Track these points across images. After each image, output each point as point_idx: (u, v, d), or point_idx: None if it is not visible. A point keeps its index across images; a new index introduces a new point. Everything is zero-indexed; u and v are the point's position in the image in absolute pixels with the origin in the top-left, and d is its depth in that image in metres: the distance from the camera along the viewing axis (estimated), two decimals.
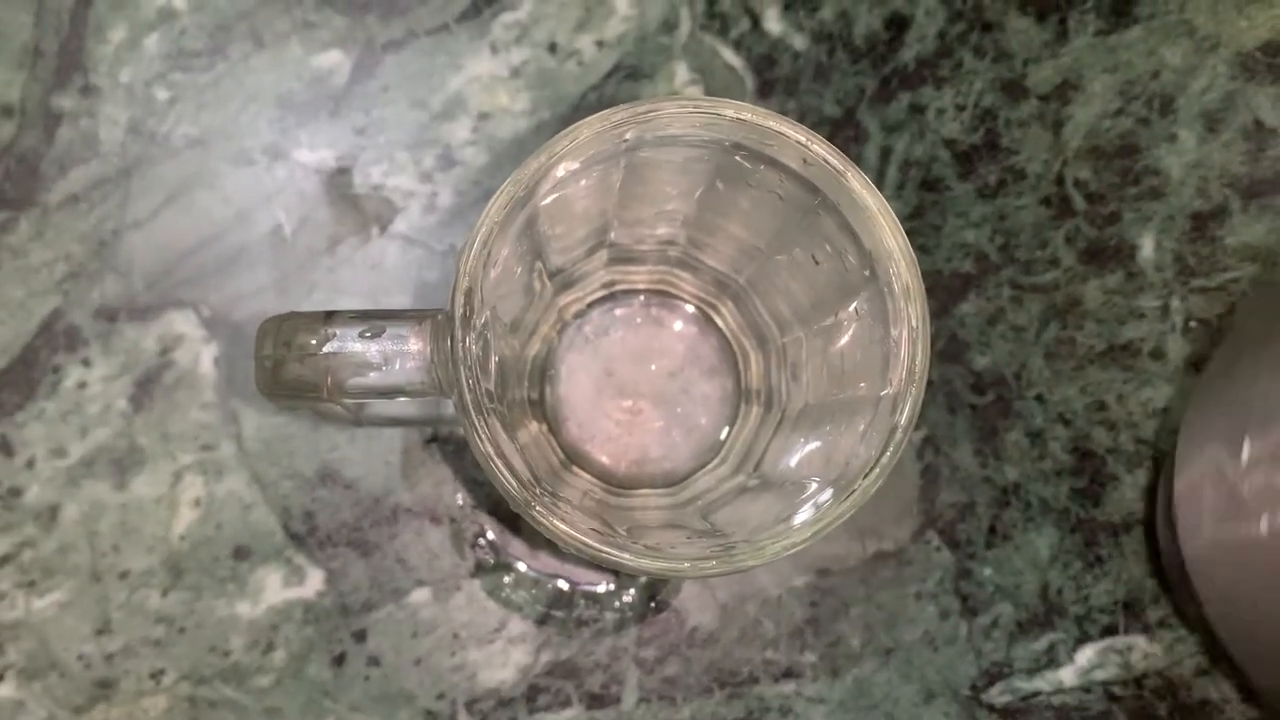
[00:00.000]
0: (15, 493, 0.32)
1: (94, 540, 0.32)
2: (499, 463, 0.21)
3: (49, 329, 0.32)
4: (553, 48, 0.33)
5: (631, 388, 0.31)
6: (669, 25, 0.34)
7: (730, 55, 0.33)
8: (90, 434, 0.32)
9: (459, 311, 0.21)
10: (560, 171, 0.22)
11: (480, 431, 0.21)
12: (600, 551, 0.21)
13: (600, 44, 0.34)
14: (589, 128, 0.21)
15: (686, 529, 0.26)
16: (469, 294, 0.21)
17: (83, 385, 0.32)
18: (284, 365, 0.22)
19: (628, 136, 0.21)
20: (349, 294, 0.33)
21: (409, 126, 0.33)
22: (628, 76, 0.33)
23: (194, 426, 0.32)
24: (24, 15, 0.33)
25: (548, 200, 0.23)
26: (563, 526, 0.21)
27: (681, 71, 0.33)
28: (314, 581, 0.32)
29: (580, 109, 0.33)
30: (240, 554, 0.32)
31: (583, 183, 0.23)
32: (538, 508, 0.21)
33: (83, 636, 0.31)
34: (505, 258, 0.23)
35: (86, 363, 0.32)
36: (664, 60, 0.34)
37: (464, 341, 0.21)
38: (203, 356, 0.32)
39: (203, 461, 0.32)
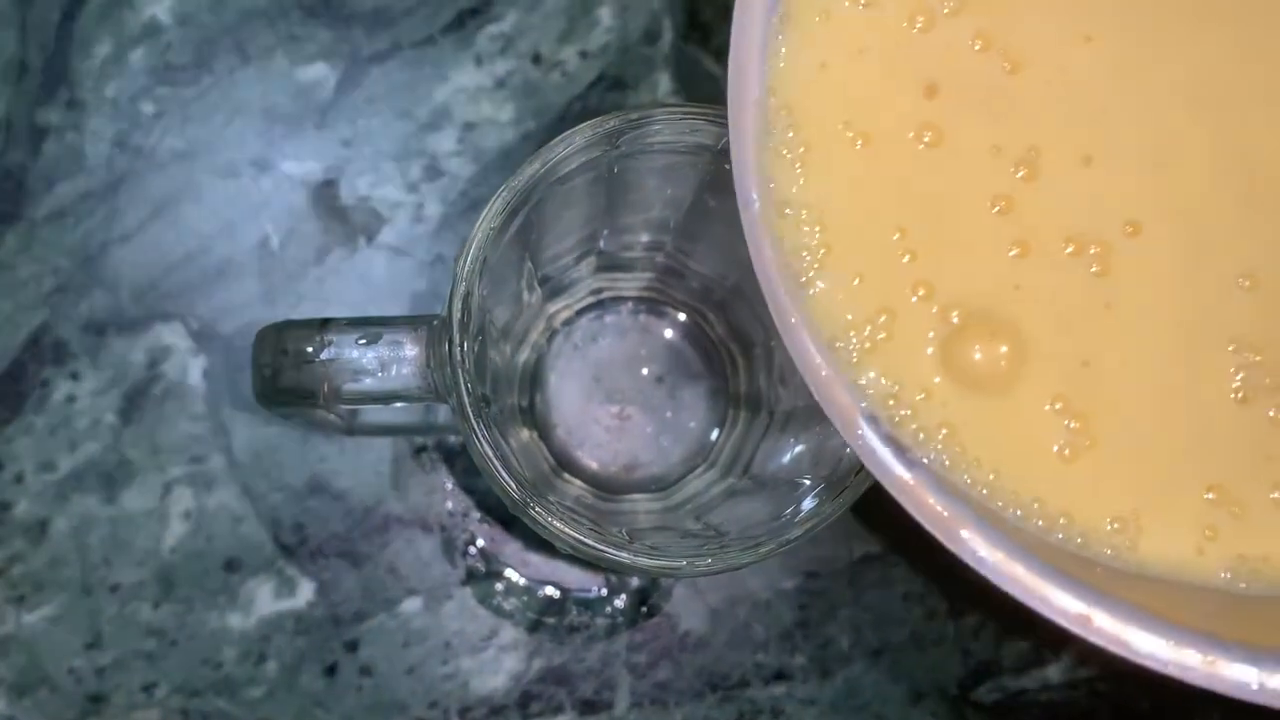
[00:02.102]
0: (4, 507, 0.32)
1: (84, 554, 0.31)
2: (498, 465, 0.21)
3: (36, 343, 0.32)
4: (537, 59, 0.34)
5: (620, 394, 0.31)
6: (651, 36, 0.34)
7: (713, 65, 0.34)
8: (79, 448, 0.32)
9: (457, 316, 0.21)
10: (554, 178, 0.22)
11: (479, 435, 0.21)
12: (599, 551, 0.21)
13: (584, 55, 0.34)
14: (582, 135, 0.21)
15: (679, 530, 0.27)
16: (466, 299, 0.21)
17: (71, 399, 0.32)
18: (282, 372, 0.22)
19: (620, 143, 0.22)
20: (337, 305, 0.33)
21: (395, 138, 0.33)
22: (611, 87, 0.34)
23: (183, 439, 0.32)
24: (8, 31, 0.33)
25: (541, 207, 0.23)
26: (561, 526, 0.21)
27: (664, 81, 0.34)
28: (305, 592, 0.32)
29: (565, 119, 0.34)
30: (231, 566, 0.32)
31: (574, 190, 0.23)
32: (536, 508, 0.21)
33: (73, 650, 0.31)
34: (498, 264, 0.23)
35: (75, 376, 0.32)
36: (647, 70, 0.34)
37: (462, 346, 0.21)
38: (191, 369, 0.32)
39: (192, 474, 0.32)
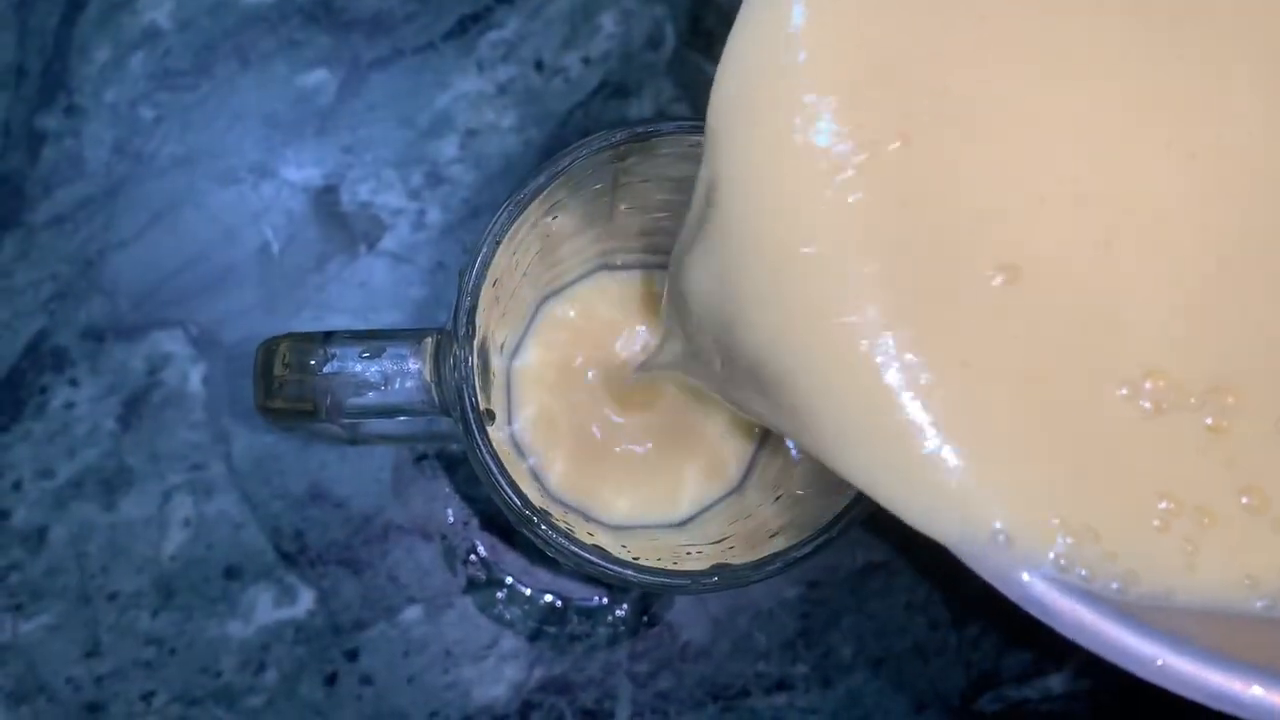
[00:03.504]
0: (2, 515, 0.31)
1: (83, 562, 0.31)
2: (501, 479, 0.21)
3: (35, 350, 0.32)
4: (539, 65, 0.34)
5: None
6: (654, 42, 0.34)
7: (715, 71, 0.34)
8: (78, 455, 0.32)
9: (461, 331, 0.21)
10: (559, 191, 0.22)
11: (482, 449, 0.21)
12: (601, 566, 0.21)
13: (586, 61, 0.34)
14: (588, 148, 0.21)
15: (684, 544, 0.26)
16: (471, 313, 0.21)
17: (70, 406, 0.32)
18: (284, 386, 0.22)
19: (626, 156, 0.22)
20: (337, 312, 0.33)
21: (396, 144, 0.33)
22: (614, 93, 0.34)
23: (183, 446, 0.32)
24: (7, 35, 0.33)
25: (546, 219, 0.23)
26: (564, 541, 0.21)
27: (667, 88, 0.34)
28: (305, 601, 0.31)
29: (567, 126, 0.34)
30: (231, 574, 0.31)
31: (580, 201, 0.23)
32: (541, 524, 0.21)
33: (72, 659, 0.31)
34: (503, 277, 0.23)
35: (74, 383, 0.32)
36: (650, 77, 0.34)
37: (466, 361, 0.21)
38: (191, 376, 0.32)
39: (192, 481, 0.32)
